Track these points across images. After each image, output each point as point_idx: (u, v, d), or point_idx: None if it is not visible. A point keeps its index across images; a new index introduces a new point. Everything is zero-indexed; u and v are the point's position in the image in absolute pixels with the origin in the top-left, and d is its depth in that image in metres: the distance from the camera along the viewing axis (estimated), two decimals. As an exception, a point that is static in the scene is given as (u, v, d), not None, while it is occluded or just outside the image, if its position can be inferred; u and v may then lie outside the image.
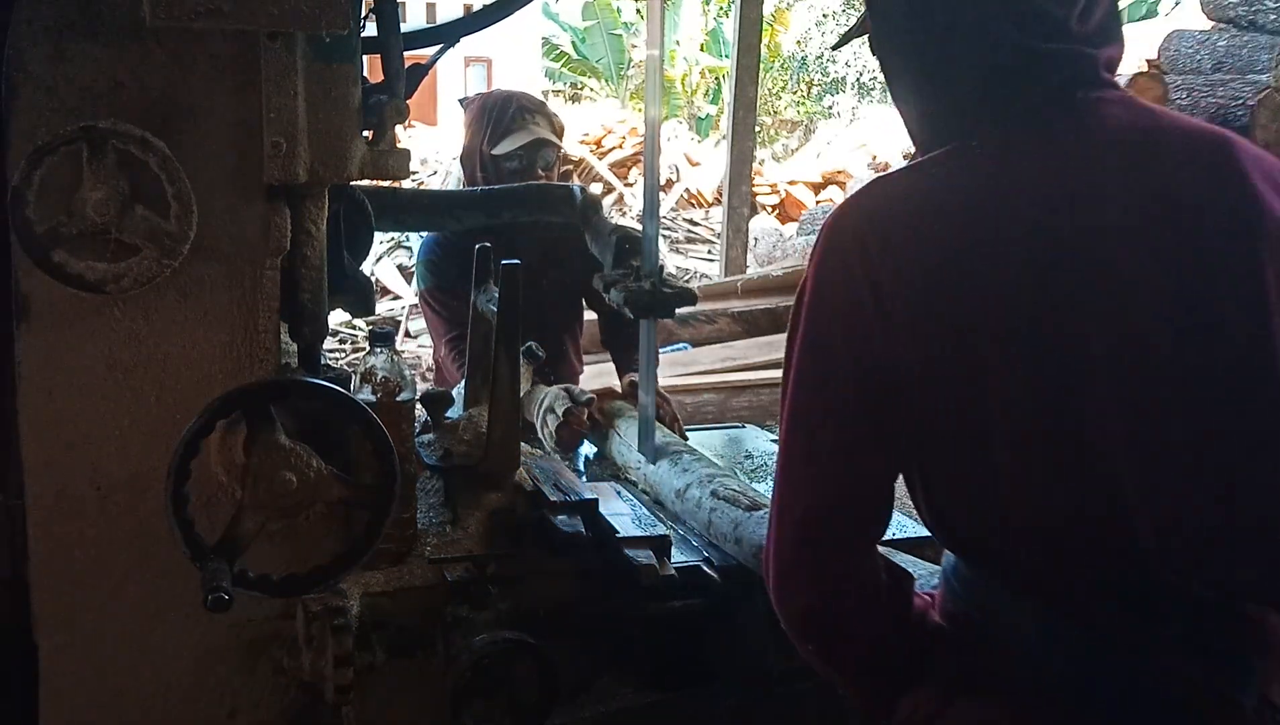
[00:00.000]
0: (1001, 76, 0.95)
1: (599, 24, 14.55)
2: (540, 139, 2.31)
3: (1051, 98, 0.95)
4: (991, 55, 0.95)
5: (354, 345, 6.39)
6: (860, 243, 0.95)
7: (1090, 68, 0.96)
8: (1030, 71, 0.95)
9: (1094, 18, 0.96)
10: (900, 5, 1.00)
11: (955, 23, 0.96)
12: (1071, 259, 0.90)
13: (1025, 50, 0.94)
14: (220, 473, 1.20)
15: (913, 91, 1.03)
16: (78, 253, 1.08)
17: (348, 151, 1.19)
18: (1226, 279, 0.90)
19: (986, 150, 0.96)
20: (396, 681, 1.31)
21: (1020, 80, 0.95)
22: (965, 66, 0.97)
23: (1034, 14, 0.94)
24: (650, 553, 1.38)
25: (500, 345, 1.46)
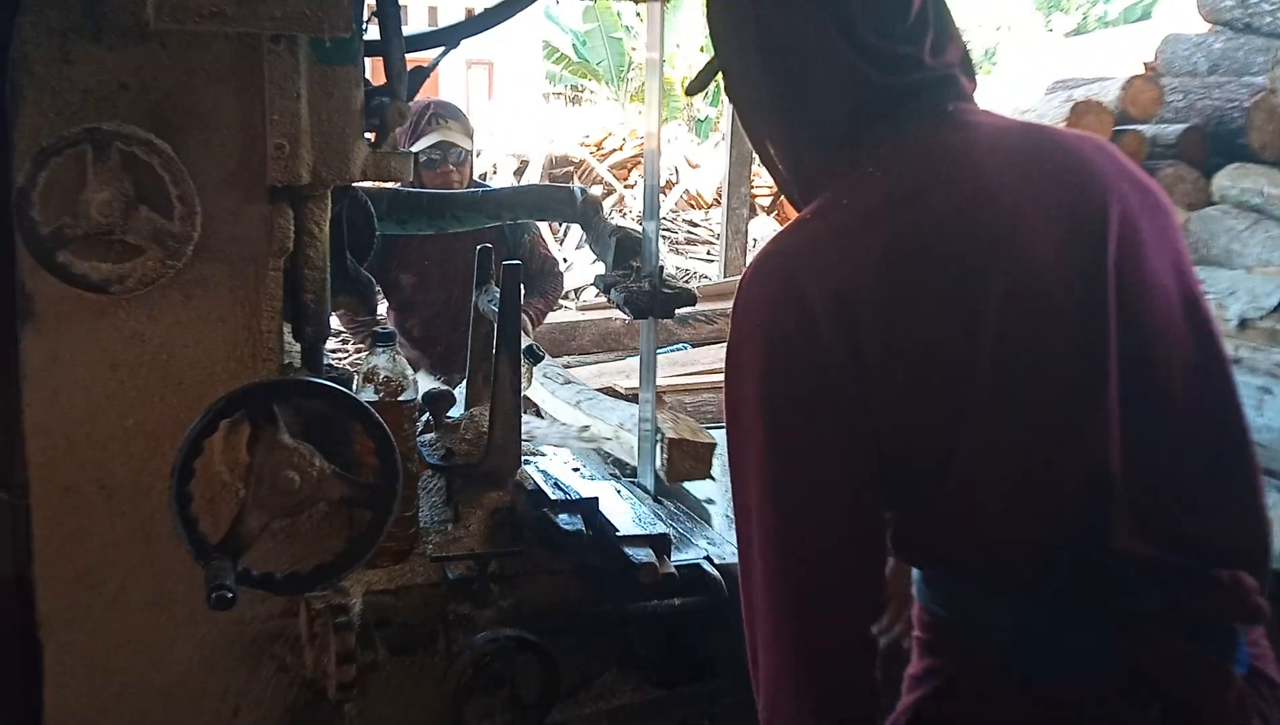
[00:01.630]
0: (871, 111, 0.98)
1: (599, 27, 14.56)
2: (446, 141, 2.77)
3: (926, 114, 0.98)
4: (857, 95, 0.98)
5: (356, 345, 6.38)
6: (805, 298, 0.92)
7: (954, 85, 1.01)
8: (899, 100, 0.98)
9: (947, 52, 1.01)
10: (753, 56, 1.01)
11: (812, 73, 0.99)
12: (984, 239, 0.92)
13: (888, 86, 0.98)
14: (224, 472, 1.21)
15: (778, 133, 1.04)
16: (82, 253, 1.09)
17: (350, 153, 1.20)
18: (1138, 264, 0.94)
19: (886, 173, 0.97)
20: (399, 679, 1.31)
21: (892, 110, 0.98)
22: (831, 109, 0.99)
23: (888, 57, 0.98)
24: (650, 551, 1.38)
25: (501, 345, 1.46)
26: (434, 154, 2.77)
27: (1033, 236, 0.92)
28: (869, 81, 0.98)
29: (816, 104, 1.00)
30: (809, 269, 0.94)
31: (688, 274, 7.93)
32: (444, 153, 2.79)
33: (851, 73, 0.98)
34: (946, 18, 1.02)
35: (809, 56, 0.99)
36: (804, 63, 0.99)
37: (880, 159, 0.98)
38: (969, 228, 0.93)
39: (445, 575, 1.34)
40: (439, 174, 2.81)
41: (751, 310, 0.97)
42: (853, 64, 0.97)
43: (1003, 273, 0.91)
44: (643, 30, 1.78)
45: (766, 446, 0.94)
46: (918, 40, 0.99)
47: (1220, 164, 3.09)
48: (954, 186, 0.94)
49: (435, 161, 2.78)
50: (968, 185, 0.94)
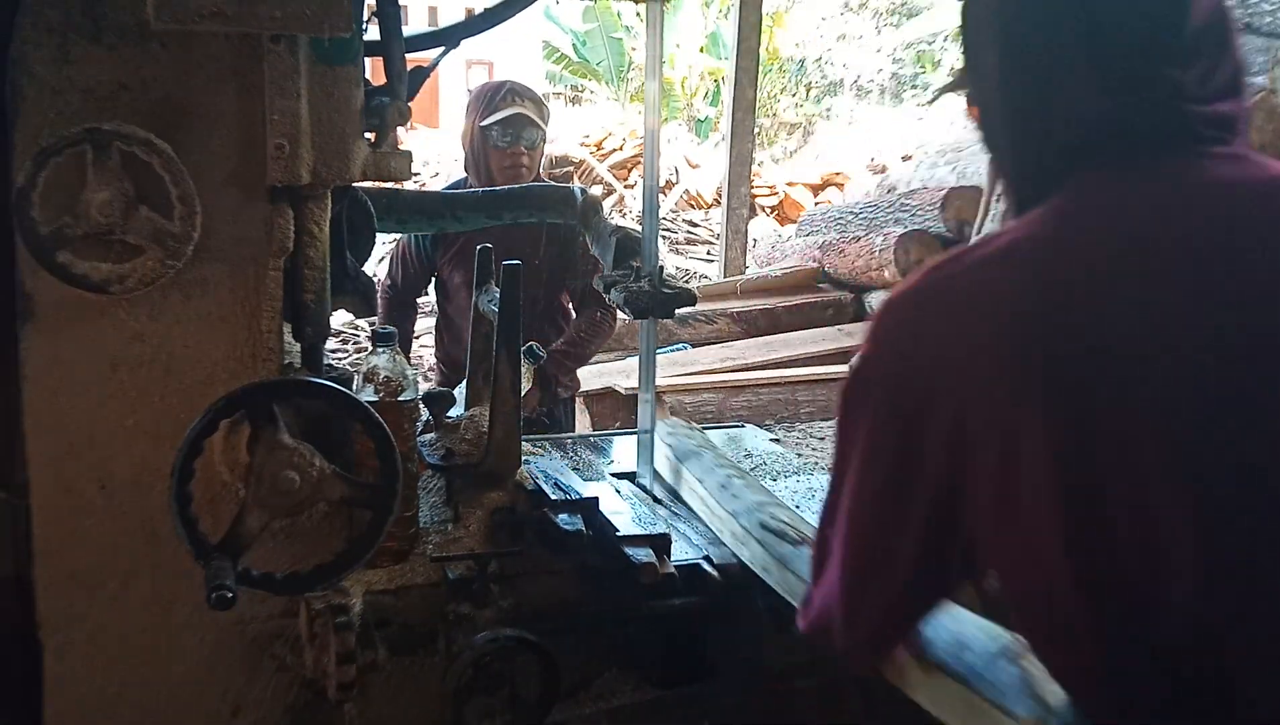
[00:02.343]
0: (1094, 137, 0.88)
1: (599, 27, 14.55)
2: (520, 113, 2.60)
3: (1152, 156, 0.88)
4: (1085, 114, 0.88)
5: (356, 345, 6.39)
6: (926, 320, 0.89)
7: (1198, 125, 0.89)
8: (1126, 132, 0.87)
9: (1214, 79, 0.89)
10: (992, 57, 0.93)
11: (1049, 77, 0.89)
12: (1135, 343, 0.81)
13: (1121, 110, 0.87)
14: (224, 472, 1.21)
15: (1007, 152, 0.96)
16: (82, 253, 1.09)
17: (350, 153, 1.20)
18: None
19: (1068, 220, 0.87)
20: (399, 679, 1.31)
21: (1116, 140, 0.88)
22: (1058, 125, 0.89)
23: (1137, 73, 0.87)
24: (650, 551, 1.38)
25: (501, 345, 1.46)
26: (507, 132, 2.58)
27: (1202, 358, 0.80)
28: (1103, 105, 0.87)
29: (1047, 119, 0.90)
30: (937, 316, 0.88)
31: (688, 274, 7.93)
32: (517, 132, 2.59)
33: (1087, 93, 0.87)
34: (1226, 40, 0.90)
35: (1049, 66, 0.89)
36: (1042, 73, 0.90)
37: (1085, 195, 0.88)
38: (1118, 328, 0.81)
39: (445, 575, 1.34)
40: (509, 155, 2.61)
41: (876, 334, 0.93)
42: (1091, 82, 0.86)
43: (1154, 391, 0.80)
44: (643, 30, 1.78)
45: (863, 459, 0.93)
46: (1182, 62, 0.87)
47: (1220, 164, 3.08)
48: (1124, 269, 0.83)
49: (508, 140, 2.59)
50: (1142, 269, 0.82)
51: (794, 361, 4.44)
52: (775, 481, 1.84)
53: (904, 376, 0.90)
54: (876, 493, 0.92)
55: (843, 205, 6.63)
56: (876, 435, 0.92)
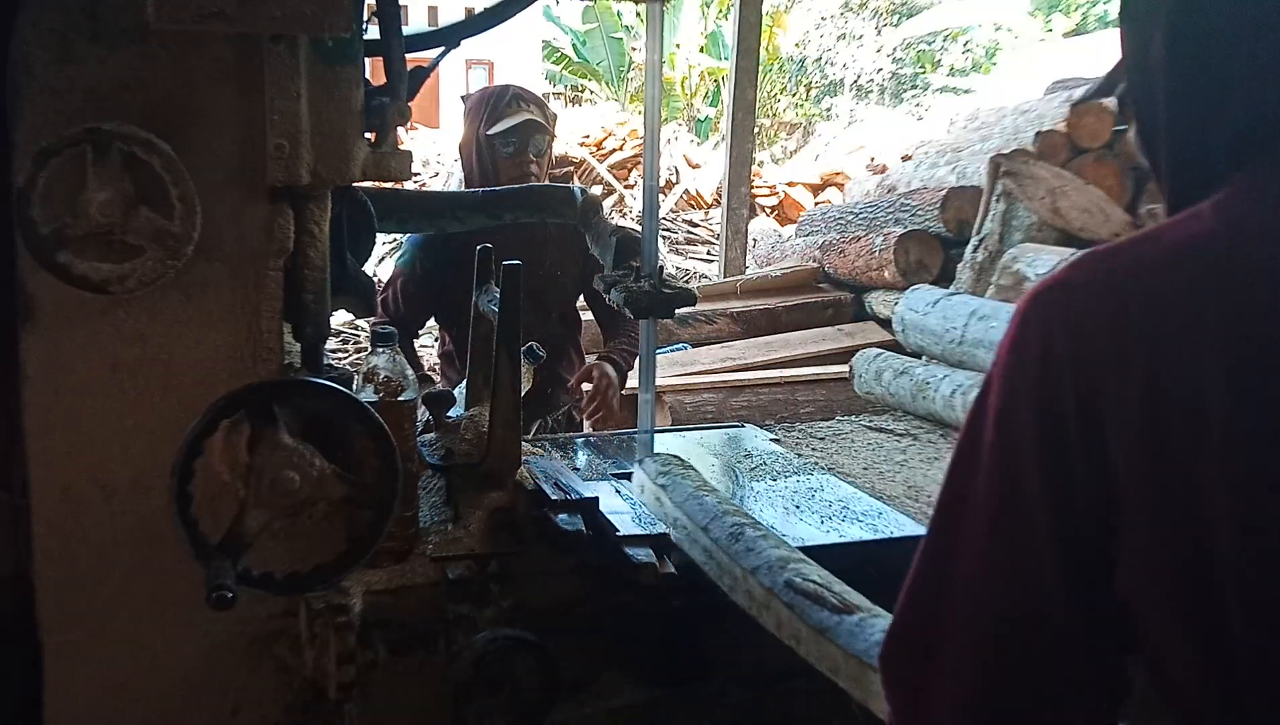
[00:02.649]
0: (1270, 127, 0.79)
1: (599, 27, 14.56)
2: (531, 120, 2.47)
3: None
4: (1260, 102, 0.79)
5: (356, 345, 6.39)
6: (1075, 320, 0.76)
7: None
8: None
9: None
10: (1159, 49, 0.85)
11: (1220, 66, 0.81)
12: None
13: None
14: (224, 472, 1.21)
15: (1166, 145, 0.87)
16: (82, 254, 1.09)
17: (350, 153, 1.20)
18: None
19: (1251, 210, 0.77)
20: (399, 679, 1.31)
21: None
22: (1230, 115, 0.81)
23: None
24: (650, 551, 1.39)
25: (501, 345, 1.46)
26: (513, 140, 2.46)
27: None
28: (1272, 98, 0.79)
29: (1217, 109, 0.82)
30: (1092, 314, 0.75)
31: (688, 274, 7.93)
32: (525, 140, 2.47)
33: (1260, 83, 0.79)
34: None
35: (1220, 55, 0.81)
36: (1211, 62, 0.82)
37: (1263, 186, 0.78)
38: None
39: (445, 575, 1.34)
40: (516, 164, 2.48)
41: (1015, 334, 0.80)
42: (1265, 72, 0.79)
43: None
44: (643, 30, 1.79)
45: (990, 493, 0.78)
46: None
47: (1220, 164, 3.08)
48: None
49: (515, 149, 2.46)
50: None
51: (794, 361, 4.44)
52: (775, 481, 1.84)
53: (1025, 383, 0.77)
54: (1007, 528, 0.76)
55: (843, 205, 6.63)
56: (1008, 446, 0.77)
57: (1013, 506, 0.76)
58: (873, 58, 15.70)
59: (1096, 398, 0.74)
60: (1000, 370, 0.80)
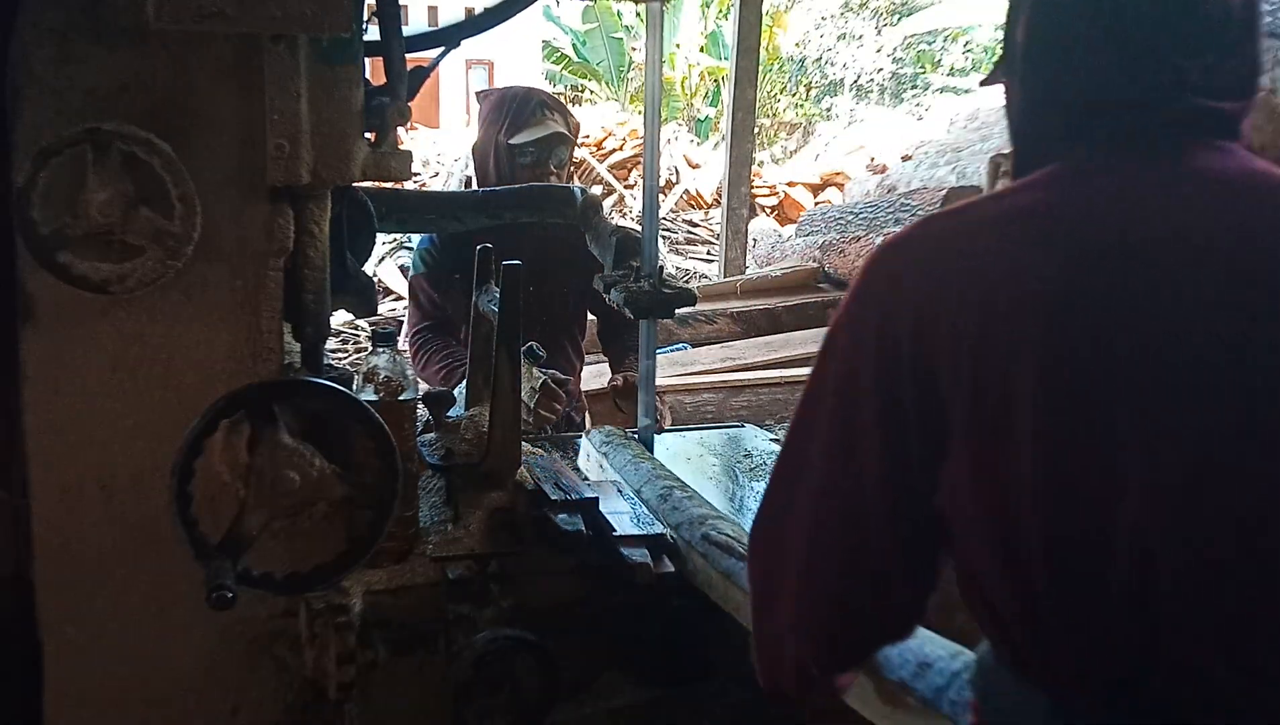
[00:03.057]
0: (1097, 113, 0.90)
1: (599, 27, 14.56)
2: (557, 133, 2.34)
3: (1147, 142, 0.89)
4: (1091, 88, 0.90)
5: (356, 345, 6.39)
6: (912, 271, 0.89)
7: (1201, 117, 0.89)
8: (1128, 112, 0.89)
9: (1223, 73, 0.89)
10: (1021, 32, 0.96)
11: (1064, 51, 0.91)
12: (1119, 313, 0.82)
13: (1129, 90, 0.88)
14: (224, 472, 1.21)
15: (1017, 118, 0.98)
16: (82, 253, 1.09)
17: (350, 153, 1.20)
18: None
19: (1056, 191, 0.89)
20: (398, 679, 1.31)
21: (1117, 119, 0.89)
22: (1065, 97, 0.91)
23: (1148, 56, 0.88)
24: (645, 551, 1.38)
25: (501, 345, 1.46)
26: (539, 152, 2.34)
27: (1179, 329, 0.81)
28: (1109, 83, 0.89)
29: (1056, 91, 0.92)
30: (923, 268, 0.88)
31: (688, 274, 7.94)
32: (548, 151, 2.35)
33: (1096, 69, 0.89)
34: (1247, 35, 0.90)
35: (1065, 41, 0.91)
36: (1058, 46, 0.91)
37: (1077, 171, 0.89)
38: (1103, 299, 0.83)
39: (445, 575, 1.34)
40: (536, 176, 2.34)
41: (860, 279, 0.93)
42: (1101, 60, 0.88)
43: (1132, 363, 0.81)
44: (643, 30, 1.79)
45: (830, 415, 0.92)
46: (1194, 52, 0.87)
47: (1220, 164, 3.09)
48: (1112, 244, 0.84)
49: (535, 160, 2.34)
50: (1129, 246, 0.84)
51: (794, 361, 4.44)
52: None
53: (866, 321, 0.90)
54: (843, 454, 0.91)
55: (843, 205, 6.63)
56: (849, 383, 0.91)
57: (852, 422, 0.90)
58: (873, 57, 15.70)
59: (926, 340, 0.86)
60: (847, 312, 0.93)
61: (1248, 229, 0.85)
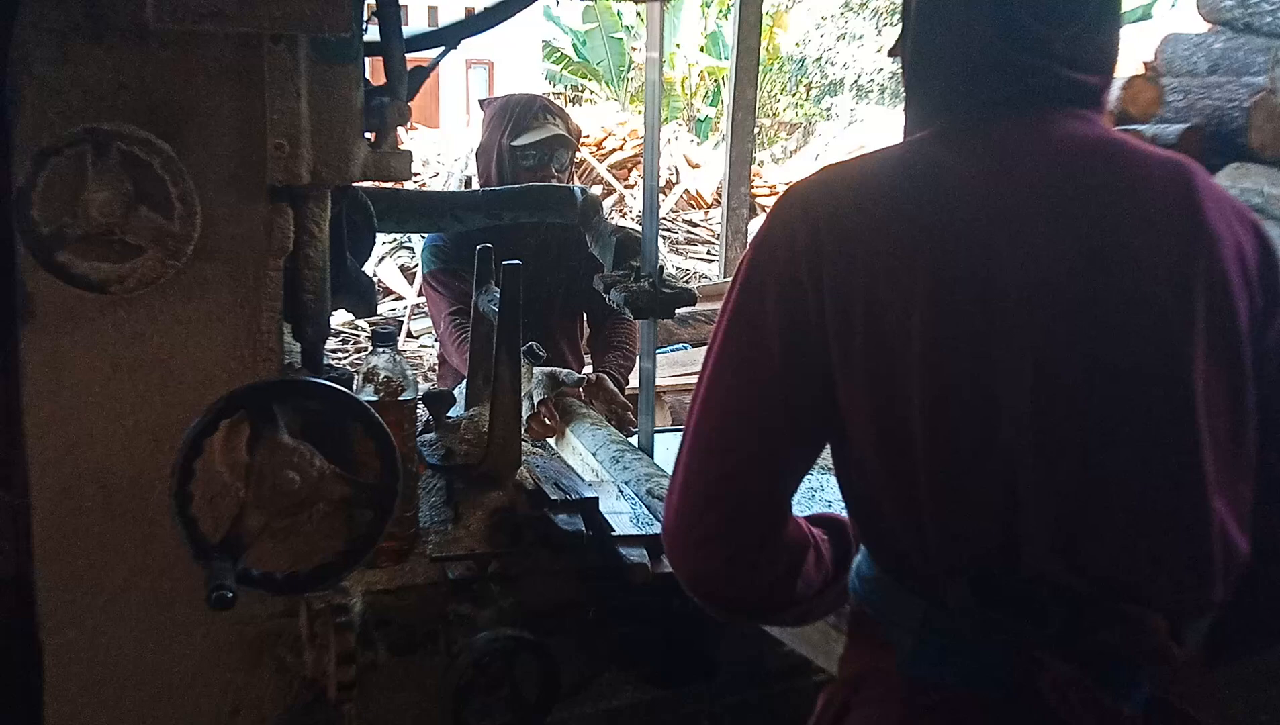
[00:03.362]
0: (974, 77, 1.01)
1: (599, 27, 14.56)
2: (558, 135, 2.42)
3: (1015, 104, 1.00)
4: (970, 56, 1.01)
5: (356, 345, 6.40)
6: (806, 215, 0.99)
7: (1061, 85, 1.00)
8: (1000, 77, 1.00)
9: (1086, 45, 1.00)
10: (913, 4, 1.07)
11: (947, 22, 1.02)
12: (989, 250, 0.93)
13: (999, 57, 0.99)
14: (224, 472, 1.21)
15: (906, 82, 1.10)
16: (82, 253, 1.09)
17: (350, 153, 1.20)
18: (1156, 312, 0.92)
19: (938, 146, 1.01)
20: (399, 679, 1.31)
21: (990, 83, 1.00)
22: (947, 64, 1.03)
23: (1019, 26, 0.98)
24: (643, 551, 1.38)
25: (501, 345, 1.46)
26: (540, 154, 2.41)
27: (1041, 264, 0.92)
28: (986, 51, 0.99)
29: (940, 58, 1.03)
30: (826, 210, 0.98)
31: (688, 274, 7.94)
32: (549, 154, 2.42)
33: (974, 38, 1.00)
34: (1108, 11, 1.01)
35: (949, 13, 1.02)
36: (943, 18, 1.03)
37: (955, 128, 1.01)
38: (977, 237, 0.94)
39: (445, 575, 1.34)
40: (539, 178, 2.41)
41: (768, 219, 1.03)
42: (980, 29, 0.99)
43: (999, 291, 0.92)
44: (643, 30, 1.79)
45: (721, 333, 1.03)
46: (1060, 23, 0.98)
47: (1220, 164, 3.08)
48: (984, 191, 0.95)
49: (537, 162, 2.42)
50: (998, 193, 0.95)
51: (794, 361, 4.43)
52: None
53: (772, 256, 1.00)
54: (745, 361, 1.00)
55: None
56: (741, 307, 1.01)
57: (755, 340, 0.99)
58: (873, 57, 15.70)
59: (826, 275, 0.95)
60: (754, 250, 1.02)
61: (1099, 185, 0.96)
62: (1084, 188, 0.96)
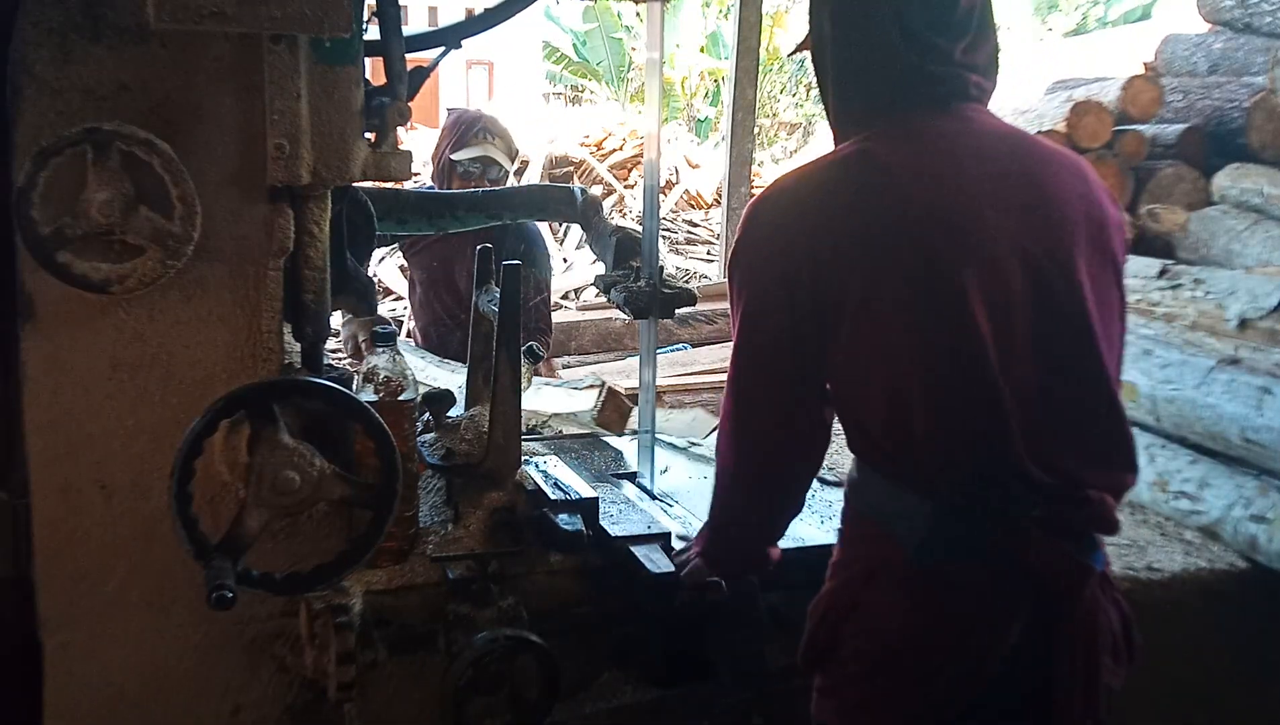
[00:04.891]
0: (899, 87, 1.22)
1: (599, 27, 14.54)
2: (489, 157, 2.74)
3: (936, 104, 1.22)
4: (892, 70, 1.22)
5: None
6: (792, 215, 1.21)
7: (967, 86, 1.23)
8: (920, 85, 1.22)
9: (978, 53, 1.24)
10: (828, 27, 1.26)
11: (866, 43, 1.23)
12: (951, 221, 1.15)
13: (917, 69, 1.21)
14: (224, 472, 1.21)
15: (834, 94, 1.29)
16: (82, 253, 1.09)
17: (350, 153, 1.20)
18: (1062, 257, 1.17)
19: (884, 143, 1.20)
20: (399, 679, 1.31)
21: (913, 90, 1.22)
22: (873, 78, 1.24)
23: (927, 43, 1.21)
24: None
25: (501, 346, 1.46)
26: (473, 167, 2.75)
27: (990, 228, 1.15)
28: (905, 65, 1.21)
29: (864, 72, 1.25)
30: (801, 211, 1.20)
31: (688, 274, 7.93)
32: (483, 168, 2.76)
33: (893, 55, 1.21)
34: (987, 24, 1.25)
35: (866, 35, 1.23)
36: (861, 40, 1.24)
37: (892, 129, 1.22)
38: (939, 212, 1.15)
39: (445, 575, 1.34)
40: (472, 185, 2.75)
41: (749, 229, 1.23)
42: (896, 48, 1.21)
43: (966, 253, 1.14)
44: (643, 30, 1.79)
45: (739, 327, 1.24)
46: (955, 37, 1.21)
47: (1220, 164, 3.08)
48: (935, 174, 1.18)
49: (473, 174, 2.75)
50: (946, 175, 1.18)
51: (794, 361, 4.43)
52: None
53: (768, 257, 1.21)
54: (756, 348, 1.22)
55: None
56: (752, 306, 1.21)
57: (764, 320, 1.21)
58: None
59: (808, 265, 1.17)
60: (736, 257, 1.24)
61: (1018, 155, 1.22)
62: (1006, 156, 1.20)
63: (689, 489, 1.77)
